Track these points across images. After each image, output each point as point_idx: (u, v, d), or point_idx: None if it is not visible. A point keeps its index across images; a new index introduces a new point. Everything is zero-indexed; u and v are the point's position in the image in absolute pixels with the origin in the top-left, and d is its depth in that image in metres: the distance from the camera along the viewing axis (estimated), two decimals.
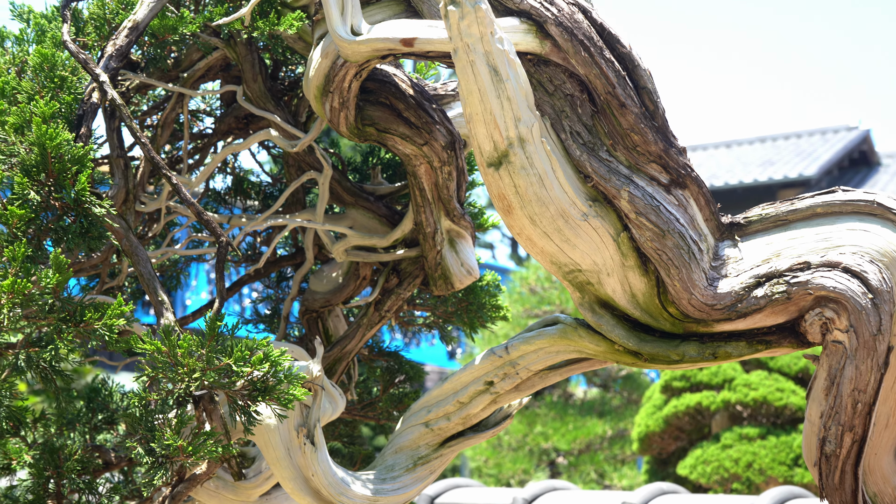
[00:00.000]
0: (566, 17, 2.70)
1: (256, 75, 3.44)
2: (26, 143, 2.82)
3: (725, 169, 21.36)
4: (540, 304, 11.63)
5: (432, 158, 3.23)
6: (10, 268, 2.70)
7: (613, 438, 11.61)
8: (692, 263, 2.77)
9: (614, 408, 11.94)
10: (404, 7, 3.06)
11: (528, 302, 11.74)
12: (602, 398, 12.10)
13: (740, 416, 9.36)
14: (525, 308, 11.64)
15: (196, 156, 3.85)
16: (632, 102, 2.73)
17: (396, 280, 3.55)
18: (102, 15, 3.28)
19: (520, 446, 11.56)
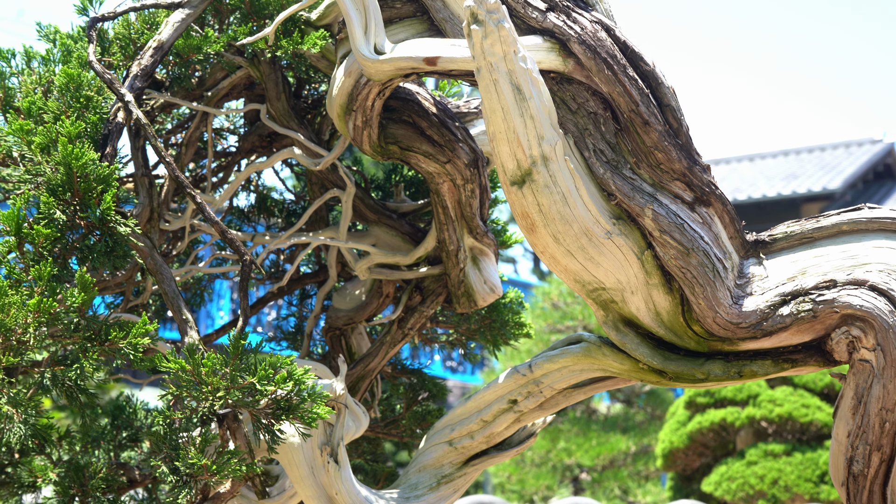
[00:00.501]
0: (589, 36, 2.70)
1: (280, 94, 3.45)
2: (52, 162, 2.84)
3: (749, 183, 21.27)
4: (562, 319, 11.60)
5: (455, 176, 3.23)
6: (37, 287, 2.71)
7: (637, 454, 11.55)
8: (717, 281, 2.75)
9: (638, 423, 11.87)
10: (427, 26, 3.07)
11: (550, 317, 11.70)
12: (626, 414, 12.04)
13: (765, 433, 9.29)
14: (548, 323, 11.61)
15: (220, 174, 3.86)
16: (655, 120, 2.72)
17: (419, 298, 3.55)
18: (127, 35, 3.31)
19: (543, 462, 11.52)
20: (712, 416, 9.25)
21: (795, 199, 19.78)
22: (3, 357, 2.64)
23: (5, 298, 2.65)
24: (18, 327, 2.66)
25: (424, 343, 4.15)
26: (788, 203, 19.74)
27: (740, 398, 9.24)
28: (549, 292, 12.06)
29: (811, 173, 20.92)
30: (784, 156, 23.29)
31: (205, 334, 3.68)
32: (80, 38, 3.32)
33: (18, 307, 2.65)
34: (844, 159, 21.52)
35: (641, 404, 12.18)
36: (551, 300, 11.90)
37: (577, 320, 11.51)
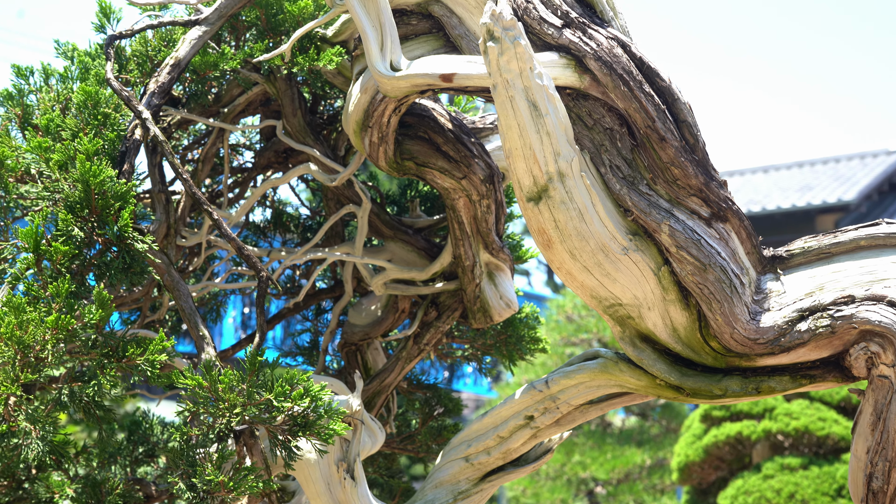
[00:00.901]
0: (605, 52, 2.70)
1: (296, 110, 3.47)
2: (70, 179, 2.86)
3: (763, 194, 21.21)
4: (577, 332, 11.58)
5: (471, 192, 3.23)
6: (55, 303, 2.73)
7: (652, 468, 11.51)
8: (734, 297, 2.75)
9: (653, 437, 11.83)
10: (443, 42, 3.08)
11: (564, 330, 11.69)
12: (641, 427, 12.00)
13: (781, 446, 9.25)
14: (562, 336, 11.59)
15: (236, 189, 3.88)
16: (672, 136, 2.72)
17: (435, 313, 3.55)
18: (145, 52, 3.33)
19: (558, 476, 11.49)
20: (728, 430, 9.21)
21: (810, 211, 19.71)
22: (22, 374, 2.65)
23: (24, 315, 2.66)
24: (37, 344, 2.67)
25: (440, 358, 4.15)
26: (803, 215, 19.67)
27: (756, 411, 9.20)
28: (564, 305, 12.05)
29: (826, 185, 20.84)
30: (798, 167, 23.22)
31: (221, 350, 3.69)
32: (98, 56, 3.34)
33: (37, 324, 2.66)
34: (859, 171, 21.44)
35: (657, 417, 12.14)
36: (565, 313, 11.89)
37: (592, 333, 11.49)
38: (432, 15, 3.07)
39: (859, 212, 19.59)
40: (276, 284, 3.27)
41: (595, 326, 11.45)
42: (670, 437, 11.84)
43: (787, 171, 23.18)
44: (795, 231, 19.76)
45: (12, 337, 2.62)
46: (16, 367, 2.66)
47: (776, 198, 20.61)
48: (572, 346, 11.56)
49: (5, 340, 2.63)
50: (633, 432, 11.84)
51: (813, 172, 22.41)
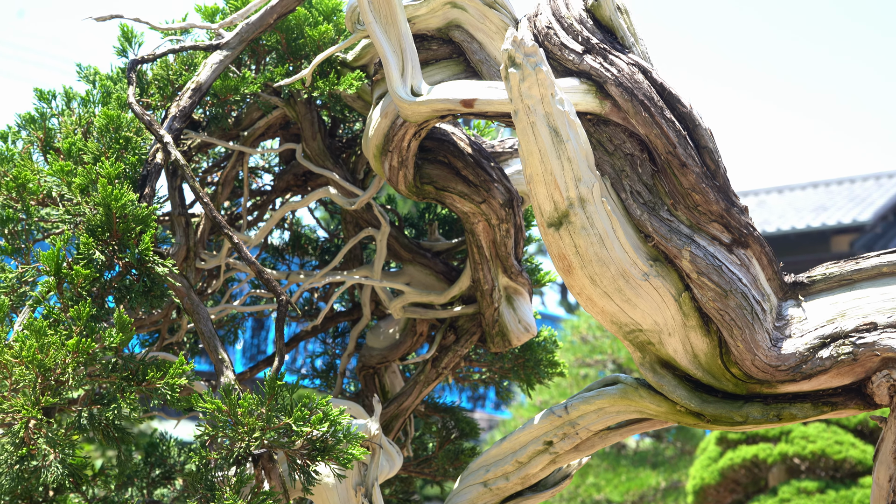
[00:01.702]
0: (626, 78, 2.71)
1: (316, 133, 3.48)
2: (92, 202, 2.87)
3: (777, 215, 21.16)
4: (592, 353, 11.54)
5: (490, 216, 3.24)
6: (75, 326, 2.73)
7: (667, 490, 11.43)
8: (755, 324, 2.74)
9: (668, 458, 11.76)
10: (463, 67, 3.09)
11: (579, 351, 11.64)
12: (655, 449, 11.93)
13: (798, 470, 9.18)
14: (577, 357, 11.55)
15: (255, 212, 3.89)
16: (693, 162, 2.71)
17: (454, 337, 3.55)
18: (166, 76, 3.35)
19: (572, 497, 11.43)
20: (744, 453, 9.14)
21: (825, 232, 19.64)
22: (43, 397, 2.65)
23: (45, 338, 2.67)
24: (57, 367, 2.68)
25: (457, 381, 4.14)
26: (818, 235, 19.61)
27: (772, 434, 9.13)
28: (578, 326, 12.01)
29: (841, 205, 20.78)
30: (813, 187, 23.17)
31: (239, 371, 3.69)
32: (120, 79, 3.36)
33: (57, 347, 2.67)
34: (875, 191, 21.38)
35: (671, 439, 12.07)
36: (580, 333, 11.84)
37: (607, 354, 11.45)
38: (453, 40, 3.09)
39: (874, 233, 19.51)
40: (296, 308, 3.27)
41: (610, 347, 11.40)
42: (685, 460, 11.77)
43: (801, 192, 23.13)
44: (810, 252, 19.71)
45: (33, 360, 2.63)
46: (36, 391, 2.67)
47: (791, 218, 20.55)
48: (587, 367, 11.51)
49: (26, 363, 2.64)
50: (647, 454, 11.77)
51: (828, 193, 22.35)
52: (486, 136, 3.72)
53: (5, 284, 2.95)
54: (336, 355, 4.13)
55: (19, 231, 3.06)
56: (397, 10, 2.86)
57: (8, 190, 3.00)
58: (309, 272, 3.75)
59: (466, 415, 4.11)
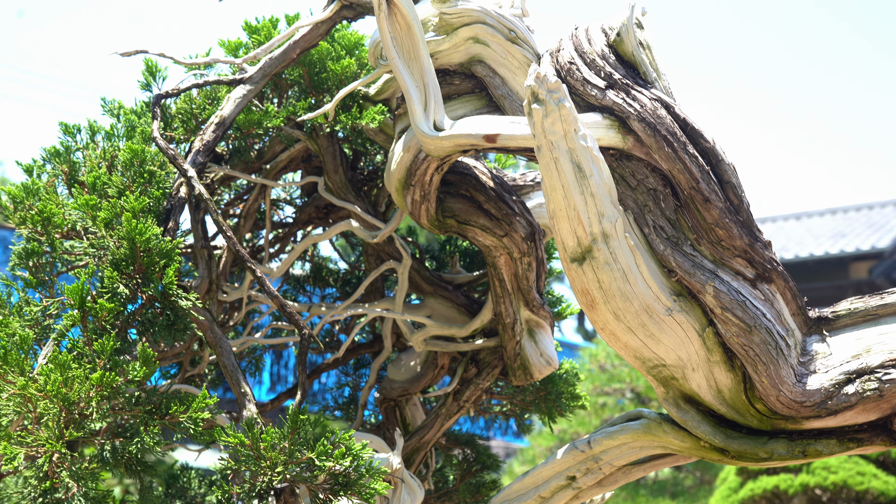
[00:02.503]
0: (649, 113, 2.71)
1: (338, 166, 3.49)
2: (116, 236, 2.88)
3: (795, 241, 21.07)
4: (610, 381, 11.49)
5: (512, 250, 3.24)
6: (99, 360, 2.74)
7: None
8: (780, 359, 2.72)
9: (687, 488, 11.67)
10: (485, 102, 3.10)
11: (597, 379, 11.60)
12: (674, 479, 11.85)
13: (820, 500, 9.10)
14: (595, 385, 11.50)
15: (277, 244, 3.90)
16: (716, 197, 2.71)
17: (475, 370, 3.54)
18: (189, 109, 3.37)
19: None
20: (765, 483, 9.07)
21: (843, 258, 19.55)
22: (67, 431, 2.66)
23: (69, 372, 2.68)
24: (81, 401, 2.69)
25: (478, 414, 4.13)
26: (836, 262, 19.52)
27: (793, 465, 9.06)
28: (596, 354, 11.97)
29: (859, 232, 20.69)
30: (831, 214, 23.08)
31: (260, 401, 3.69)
32: (144, 113, 3.39)
33: (81, 381, 2.68)
34: (893, 217, 21.28)
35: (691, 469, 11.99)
36: (598, 362, 11.80)
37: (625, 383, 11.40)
38: (475, 75, 3.10)
39: (893, 259, 19.40)
40: (318, 341, 3.28)
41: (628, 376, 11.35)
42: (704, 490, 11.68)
43: (819, 218, 23.05)
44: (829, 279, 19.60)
45: (58, 394, 2.63)
46: (60, 424, 2.67)
47: (809, 245, 20.47)
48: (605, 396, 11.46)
49: (51, 397, 2.65)
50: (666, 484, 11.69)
51: (846, 219, 22.26)
52: (507, 168, 3.73)
53: (30, 317, 2.96)
54: (357, 387, 4.13)
55: (43, 264, 3.08)
56: (420, 45, 2.88)
57: (33, 223, 3.02)
58: (330, 304, 3.76)
59: (486, 446, 4.09)
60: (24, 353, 2.77)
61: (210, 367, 3.95)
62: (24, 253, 3.03)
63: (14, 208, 3.08)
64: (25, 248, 3.03)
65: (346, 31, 3.48)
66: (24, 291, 3.06)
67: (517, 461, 12.86)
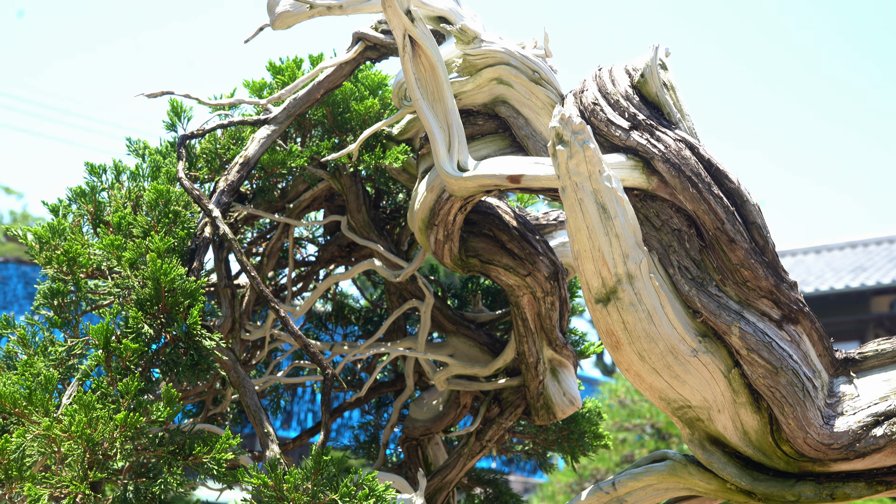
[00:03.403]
0: (673, 154, 2.71)
1: (360, 205, 3.50)
2: (141, 276, 2.89)
3: (815, 275, 20.97)
4: (630, 417, 11.39)
5: (535, 289, 3.23)
6: (123, 400, 2.75)
7: None
8: (807, 401, 2.70)
9: None
10: (509, 142, 3.10)
11: (617, 415, 11.50)
12: None
13: None
14: (615, 421, 11.40)
15: (300, 283, 3.90)
16: (741, 238, 2.70)
17: (498, 409, 3.53)
18: (213, 149, 3.39)
19: None
20: None
21: (864, 293, 19.43)
22: (91, 472, 2.66)
23: (93, 413, 2.68)
24: (105, 441, 2.69)
25: (500, 452, 4.11)
26: (857, 296, 19.40)
27: None
28: (616, 389, 11.88)
29: (880, 265, 20.57)
30: (851, 248, 22.97)
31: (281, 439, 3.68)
32: (168, 154, 3.41)
33: (106, 421, 2.68)
34: None
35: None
36: (618, 397, 11.71)
37: (645, 418, 11.30)
38: (498, 115, 3.11)
39: None
40: (340, 381, 3.27)
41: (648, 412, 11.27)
42: None
43: (839, 252, 22.94)
44: (849, 313, 19.48)
45: (82, 435, 2.64)
46: (84, 465, 2.67)
47: (829, 279, 20.35)
48: (625, 432, 11.37)
49: (75, 438, 2.65)
50: None
51: (866, 253, 22.15)
52: (529, 206, 3.73)
53: (54, 357, 2.97)
54: (379, 426, 4.11)
55: (68, 303, 3.09)
56: (444, 86, 2.89)
57: (59, 263, 3.04)
58: (352, 343, 3.76)
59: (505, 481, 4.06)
60: (49, 393, 2.78)
61: (232, 404, 3.95)
62: (50, 292, 3.04)
63: (40, 248, 3.10)
64: (51, 288, 3.04)
65: (370, 72, 3.50)
66: (49, 331, 3.07)
67: (536, 497, 12.76)
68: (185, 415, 3.78)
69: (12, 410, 2.72)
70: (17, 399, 2.71)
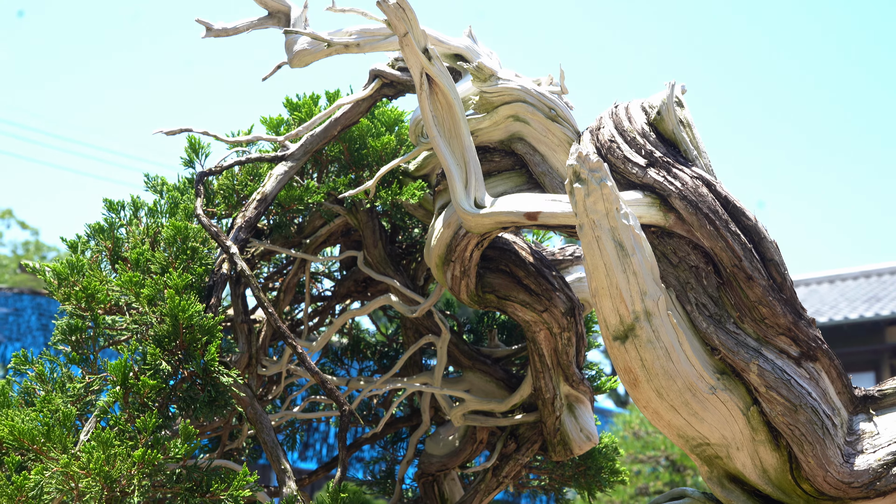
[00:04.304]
0: (690, 191, 2.72)
1: (377, 241, 3.51)
2: (159, 313, 2.90)
3: (829, 305, 20.86)
4: (644, 448, 11.32)
5: (552, 325, 3.23)
6: (141, 437, 2.75)
7: None
8: (826, 439, 2.69)
9: None
10: (525, 178, 3.12)
11: (631, 447, 11.44)
12: None
13: None
14: (629, 453, 11.34)
15: (316, 318, 3.91)
16: (759, 275, 2.70)
17: (514, 445, 3.51)
18: (231, 185, 3.41)
19: None
20: None
21: (879, 322, 19.32)
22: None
23: (111, 450, 2.68)
24: (123, 478, 2.69)
25: (517, 488, 4.08)
26: (871, 326, 19.29)
27: None
28: (630, 420, 11.81)
29: (895, 295, 20.47)
30: (865, 277, 22.86)
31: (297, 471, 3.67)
32: (186, 190, 3.43)
33: (123, 458, 2.68)
34: None
35: None
36: (632, 429, 11.65)
37: (660, 450, 11.23)
38: (515, 152, 3.12)
39: None
40: (357, 417, 3.27)
41: (663, 444, 11.20)
42: None
43: (853, 282, 22.83)
44: (864, 343, 19.35)
45: (100, 472, 2.64)
46: (101, 502, 2.67)
47: (843, 309, 20.25)
48: (640, 464, 11.30)
49: (93, 475, 2.65)
50: None
51: (881, 283, 22.04)
52: (544, 242, 3.73)
53: (72, 394, 2.98)
54: (395, 461, 4.10)
55: (86, 339, 3.10)
56: (461, 123, 2.91)
57: (77, 300, 3.05)
58: (368, 378, 3.75)
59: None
60: (67, 429, 2.78)
61: (248, 439, 3.95)
62: (68, 328, 3.05)
63: (58, 284, 3.11)
64: (69, 324, 3.05)
65: (386, 108, 3.52)
66: (67, 367, 3.08)
67: None
68: (200, 450, 3.78)
69: (31, 447, 2.73)
70: (35, 436, 2.71)
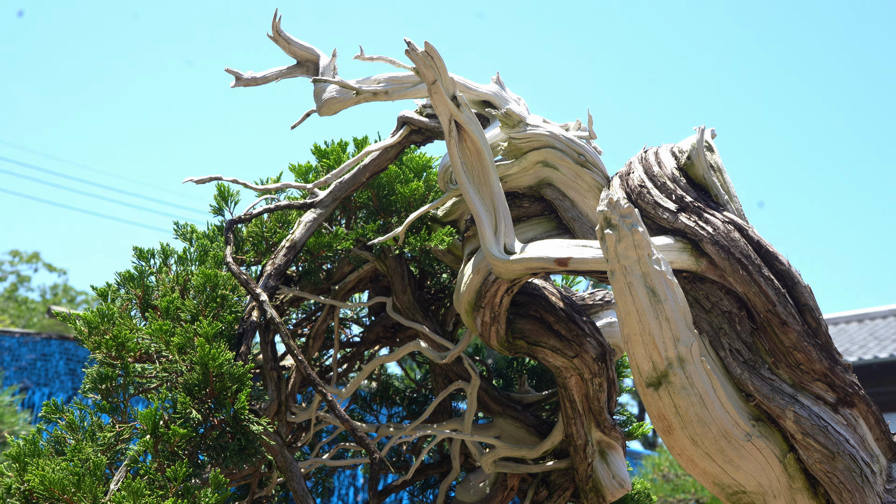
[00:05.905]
0: (722, 236, 2.70)
1: (406, 287, 3.50)
2: (188, 361, 2.90)
3: (858, 345, 20.64)
4: (674, 492, 11.19)
5: (583, 370, 3.20)
6: (171, 486, 2.74)
7: None
8: (865, 487, 2.64)
9: None
10: (555, 224, 3.10)
11: (661, 490, 11.30)
12: None
13: None
14: (659, 497, 11.20)
15: (345, 364, 3.90)
16: (793, 320, 2.67)
17: (546, 492, 3.48)
18: (260, 233, 3.42)
19: None
20: None
21: None
22: None
23: (141, 500, 2.67)
24: None
25: None
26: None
27: None
28: (659, 463, 11.69)
29: None
30: (895, 316, 22.64)
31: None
32: (216, 237, 3.44)
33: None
34: None
35: None
36: (661, 471, 11.52)
37: (690, 493, 11.10)
38: (544, 198, 3.12)
39: None
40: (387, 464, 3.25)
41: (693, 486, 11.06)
42: None
43: (882, 321, 22.59)
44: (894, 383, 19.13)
45: None
46: None
47: (872, 348, 20.02)
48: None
49: None
50: None
51: None
52: (574, 286, 3.71)
53: (102, 442, 2.97)
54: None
55: (116, 387, 3.10)
56: (490, 170, 2.90)
57: (107, 348, 3.05)
58: (398, 424, 3.73)
59: None
60: (98, 479, 2.77)
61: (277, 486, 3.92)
62: (98, 377, 3.05)
63: (89, 332, 3.12)
64: (99, 373, 3.05)
65: (415, 154, 3.53)
66: (97, 415, 3.08)
67: None
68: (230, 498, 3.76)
69: (61, 497, 2.72)
70: (65, 485, 2.71)
